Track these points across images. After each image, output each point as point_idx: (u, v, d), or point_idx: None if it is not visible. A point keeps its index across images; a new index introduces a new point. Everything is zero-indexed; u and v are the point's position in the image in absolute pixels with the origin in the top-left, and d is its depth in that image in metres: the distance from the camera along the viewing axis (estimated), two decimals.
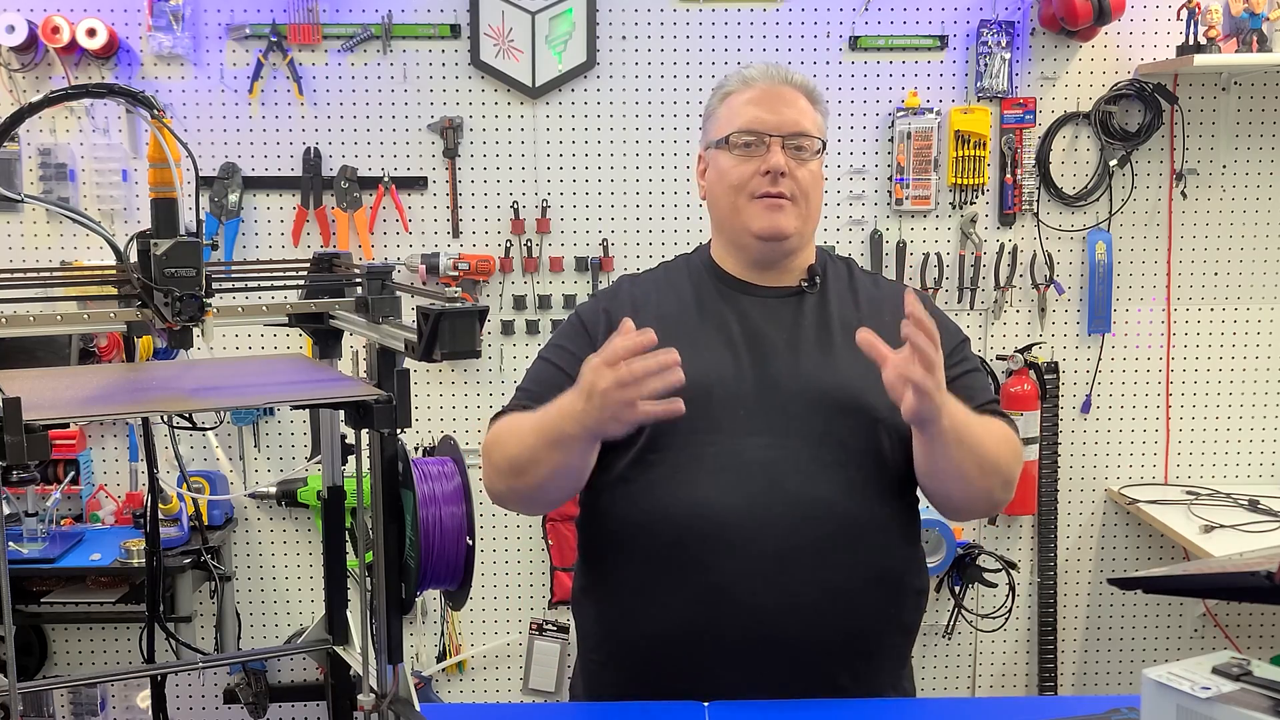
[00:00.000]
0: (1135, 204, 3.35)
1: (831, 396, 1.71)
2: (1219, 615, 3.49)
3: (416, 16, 3.22)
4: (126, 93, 1.30)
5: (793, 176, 1.76)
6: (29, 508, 3.08)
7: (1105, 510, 3.46)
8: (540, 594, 3.41)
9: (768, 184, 1.75)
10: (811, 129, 1.79)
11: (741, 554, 1.65)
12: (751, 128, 1.77)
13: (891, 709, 1.74)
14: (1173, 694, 1.23)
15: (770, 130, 1.76)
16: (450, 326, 1.22)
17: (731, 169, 1.78)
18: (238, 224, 3.23)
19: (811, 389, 1.72)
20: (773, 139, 1.76)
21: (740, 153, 1.78)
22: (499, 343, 3.33)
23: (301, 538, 3.38)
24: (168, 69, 3.21)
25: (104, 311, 1.33)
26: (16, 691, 1.30)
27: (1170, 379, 3.42)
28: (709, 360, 1.74)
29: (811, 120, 1.80)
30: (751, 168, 1.76)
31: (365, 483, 1.38)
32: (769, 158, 1.75)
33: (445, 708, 2.49)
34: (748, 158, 1.77)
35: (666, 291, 1.85)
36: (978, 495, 1.72)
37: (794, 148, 1.77)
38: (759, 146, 1.76)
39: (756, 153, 1.76)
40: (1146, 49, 3.29)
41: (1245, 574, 1.33)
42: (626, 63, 3.26)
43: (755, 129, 1.77)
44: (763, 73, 1.83)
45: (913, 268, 3.33)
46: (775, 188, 1.75)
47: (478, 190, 3.29)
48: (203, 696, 3.41)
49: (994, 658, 3.51)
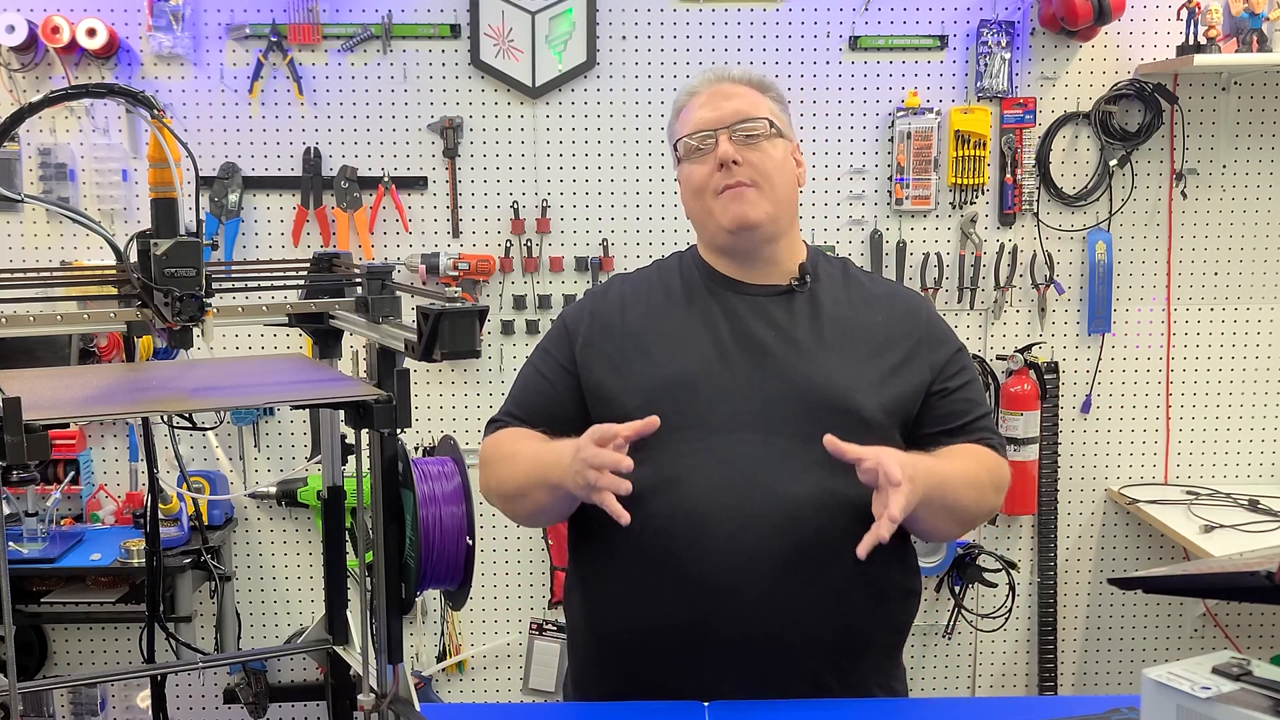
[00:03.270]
0: (1135, 204, 3.35)
1: (818, 395, 1.72)
2: (1219, 615, 3.49)
3: (416, 16, 3.22)
4: (126, 93, 1.30)
5: (748, 163, 1.77)
6: (29, 508, 3.08)
7: (1105, 510, 3.46)
8: (540, 594, 3.42)
9: (724, 176, 1.76)
10: (757, 113, 1.80)
11: (724, 550, 1.65)
12: (698, 127, 1.80)
13: (891, 709, 1.74)
14: (1173, 694, 1.23)
15: (714, 125, 1.78)
16: (450, 326, 1.22)
17: (692, 173, 1.81)
18: (238, 224, 3.23)
19: (798, 387, 1.72)
20: (719, 132, 1.78)
21: (695, 157, 1.80)
22: (499, 343, 3.33)
23: (301, 538, 3.38)
24: (168, 69, 3.21)
25: (104, 311, 1.33)
26: (16, 691, 1.30)
27: (1170, 379, 3.42)
28: (696, 357, 1.75)
29: (759, 106, 1.81)
30: (708, 166, 1.78)
31: (365, 483, 1.38)
32: (717, 150, 1.76)
33: (445, 708, 2.49)
34: (702, 158, 1.79)
35: (657, 289, 1.86)
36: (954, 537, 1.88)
37: (742, 135, 1.78)
38: (709, 145, 1.78)
39: (708, 151, 1.78)
40: (1146, 49, 3.29)
41: (1245, 574, 1.33)
42: (626, 63, 3.26)
43: (701, 128, 1.79)
44: (703, 78, 1.86)
45: (913, 268, 3.33)
46: (731, 178, 1.76)
47: (478, 190, 3.29)
48: (203, 696, 3.41)
49: (994, 658, 3.51)
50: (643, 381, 1.75)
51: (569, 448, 1.63)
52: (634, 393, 1.74)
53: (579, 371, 1.81)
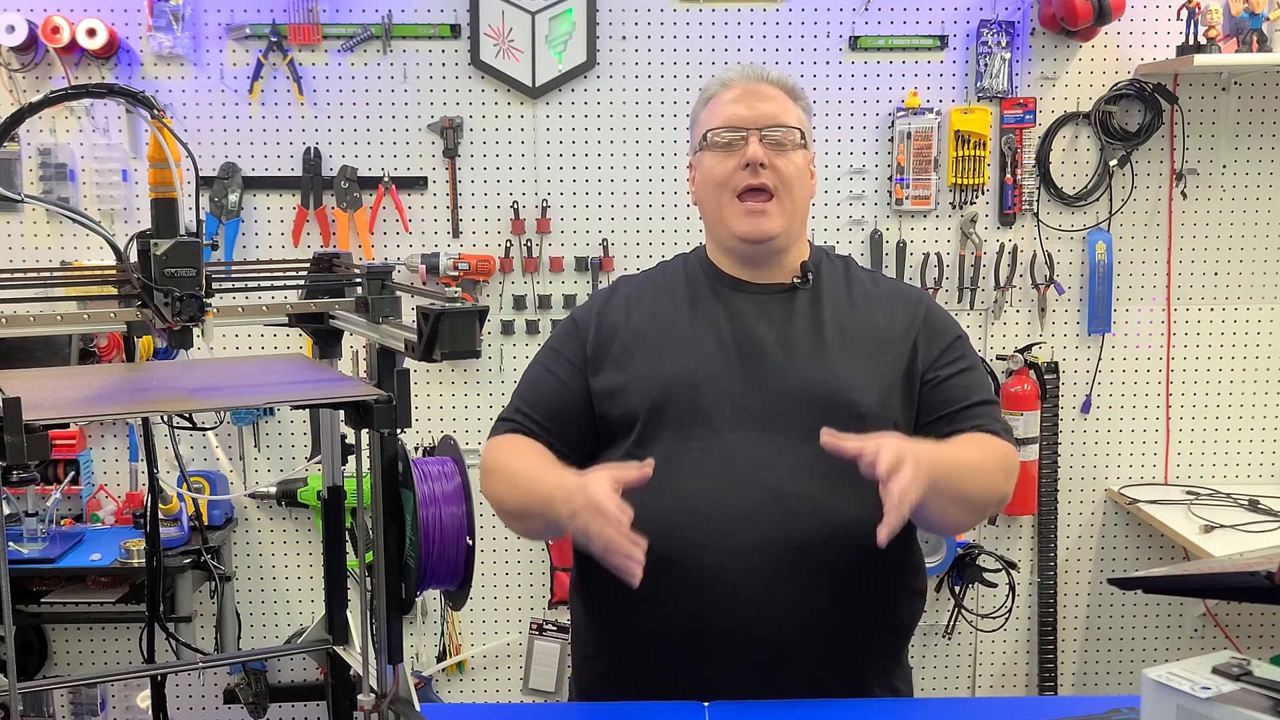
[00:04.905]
0: (1135, 204, 3.35)
1: (820, 393, 1.72)
2: (1219, 615, 3.49)
3: (416, 16, 3.22)
4: (126, 93, 1.30)
5: (773, 168, 1.77)
6: (29, 508, 3.08)
7: (1105, 510, 3.46)
8: (540, 594, 3.42)
9: (748, 176, 1.77)
10: (790, 121, 1.80)
11: (725, 549, 1.65)
12: (729, 123, 1.80)
13: (891, 709, 1.74)
14: (1173, 694, 1.23)
15: (747, 124, 1.78)
16: (450, 326, 1.22)
17: (714, 166, 1.80)
18: (238, 224, 3.23)
19: (800, 385, 1.73)
20: (751, 132, 1.78)
21: (721, 150, 1.80)
22: (499, 343, 3.33)
23: (301, 538, 3.38)
24: (168, 69, 3.21)
25: (104, 311, 1.33)
26: (16, 691, 1.30)
27: (1170, 379, 3.42)
28: (698, 357, 1.76)
29: (791, 114, 1.82)
30: (732, 163, 1.78)
31: (365, 483, 1.38)
32: (747, 150, 1.77)
33: (445, 708, 2.49)
34: (728, 154, 1.79)
35: (661, 290, 1.87)
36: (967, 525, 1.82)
37: (773, 140, 1.78)
38: (738, 142, 1.78)
39: (736, 148, 1.78)
40: (1146, 49, 3.29)
41: (1245, 574, 1.33)
42: (626, 63, 3.26)
43: (733, 124, 1.79)
44: (740, 73, 1.85)
45: (913, 268, 3.33)
46: (756, 179, 1.76)
47: (478, 190, 3.29)
48: (203, 696, 3.41)
49: (994, 658, 3.51)
50: (647, 381, 1.75)
51: (565, 485, 1.61)
52: (638, 392, 1.75)
53: (588, 370, 1.81)
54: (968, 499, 1.69)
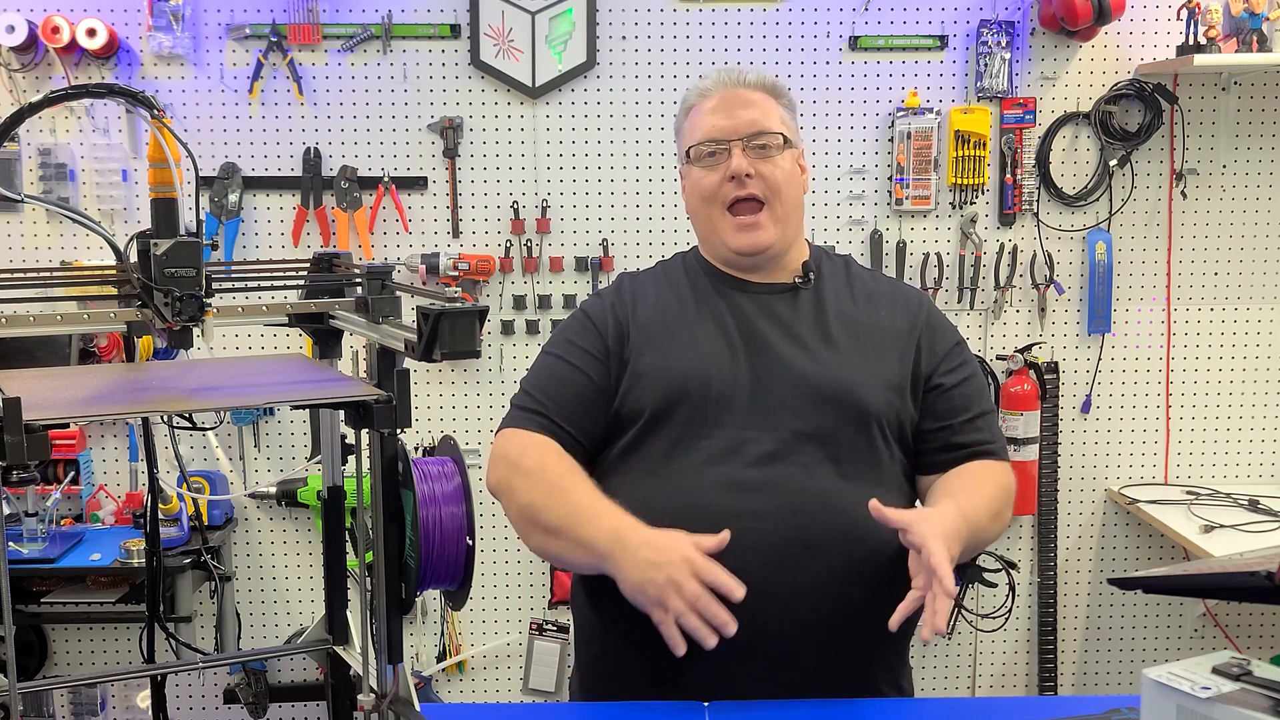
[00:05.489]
0: (1135, 204, 3.35)
1: (825, 391, 1.72)
2: (1219, 615, 3.49)
3: (416, 16, 3.22)
4: (126, 93, 1.30)
5: (760, 176, 1.77)
6: (29, 508, 3.08)
7: (1105, 510, 3.46)
8: (540, 594, 3.41)
9: (735, 189, 1.77)
10: (772, 125, 1.80)
11: (734, 546, 1.65)
12: (710, 136, 1.80)
13: (891, 709, 1.74)
14: (1173, 694, 1.23)
15: (728, 135, 1.78)
16: (450, 326, 1.22)
17: (700, 180, 1.81)
18: (238, 224, 3.23)
19: (805, 383, 1.73)
20: (733, 143, 1.78)
21: (705, 163, 1.80)
22: (499, 343, 3.33)
23: (301, 538, 3.38)
24: (168, 69, 3.21)
25: (104, 311, 1.33)
26: (16, 691, 1.30)
27: (1170, 379, 3.42)
28: (705, 354, 1.76)
29: (773, 116, 1.81)
30: (718, 176, 1.78)
31: (365, 483, 1.38)
32: (731, 162, 1.77)
33: (445, 708, 2.49)
34: (713, 167, 1.79)
35: (665, 287, 1.87)
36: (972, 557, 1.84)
37: (757, 147, 1.78)
38: (722, 154, 1.78)
39: (720, 160, 1.79)
40: (1146, 49, 3.29)
41: (1245, 574, 1.33)
42: (626, 63, 3.26)
43: (714, 137, 1.79)
44: (717, 80, 1.85)
45: (913, 268, 3.33)
46: (743, 190, 1.77)
47: (478, 190, 3.29)
48: (203, 696, 3.41)
49: (994, 658, 3.51)
50: (655, 378, 1.75)
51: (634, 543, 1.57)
52: (648, 387, 1.75)
53: (610, 362, 1.79)
54: (985, 544, 1.76)
